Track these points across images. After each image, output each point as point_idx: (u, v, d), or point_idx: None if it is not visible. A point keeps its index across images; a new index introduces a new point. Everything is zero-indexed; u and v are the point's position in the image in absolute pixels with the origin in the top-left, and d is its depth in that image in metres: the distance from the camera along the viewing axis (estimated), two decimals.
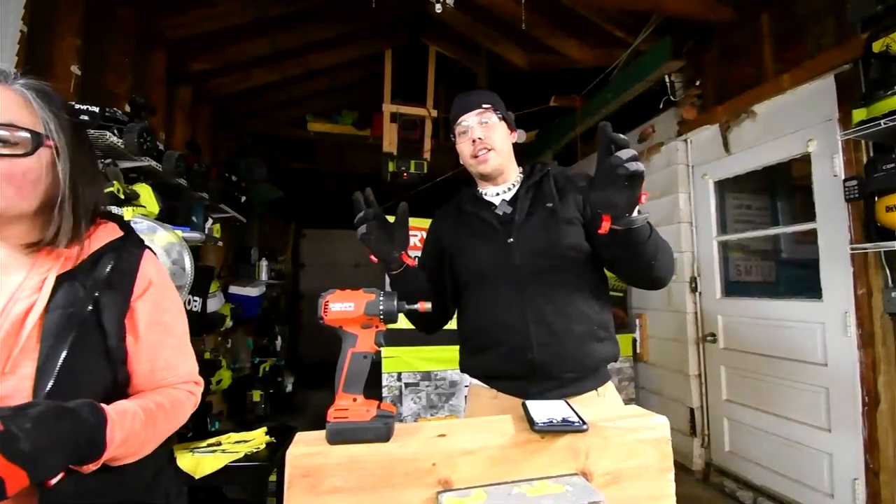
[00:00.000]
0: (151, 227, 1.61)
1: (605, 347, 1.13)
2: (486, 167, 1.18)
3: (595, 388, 1.13)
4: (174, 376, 0.79)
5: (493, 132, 1.17)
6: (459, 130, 1.19)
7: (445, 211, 1.33)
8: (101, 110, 1.72)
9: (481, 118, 1.17)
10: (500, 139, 1.18)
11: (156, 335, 0.76)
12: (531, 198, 1.18)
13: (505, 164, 1.20)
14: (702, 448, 2.86)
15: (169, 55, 2.84)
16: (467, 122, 1.18)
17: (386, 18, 3.47)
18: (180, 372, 0.80)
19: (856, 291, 2.01)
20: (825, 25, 2.13)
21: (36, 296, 0.65)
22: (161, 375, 0.77)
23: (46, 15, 1.83)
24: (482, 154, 1.16)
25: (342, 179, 6.15)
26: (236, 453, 1.88)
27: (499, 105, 1.20)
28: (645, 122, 3.27)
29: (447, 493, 0.69)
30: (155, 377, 0.77)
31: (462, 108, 1.19)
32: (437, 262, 1.26)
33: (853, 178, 1.89)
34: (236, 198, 3.20)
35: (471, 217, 1.22)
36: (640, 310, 3.36)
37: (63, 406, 0.60)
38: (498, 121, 1.18)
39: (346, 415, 0.73)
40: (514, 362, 1.10)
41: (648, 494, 0.77)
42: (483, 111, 1.17)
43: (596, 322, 1.12)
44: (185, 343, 0.83)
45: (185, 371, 0.81)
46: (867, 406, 1.97)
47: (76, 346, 0.65)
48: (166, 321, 0.78)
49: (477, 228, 1.19)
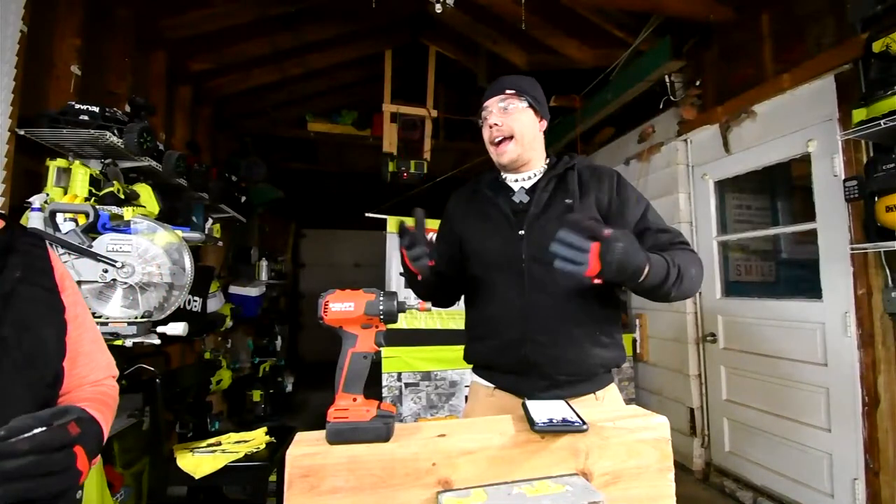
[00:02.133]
0: (151, 227, 1.60)
1: (606, 353, 1.10)
2: (504, 158, 1.14)
3: (593, 392, 1.11)
4: (94, 372, 0.76)
5: (515, 119, 1.13)
6: (484, 115, 1.16)
7: (460, 193, 1.30)
8: (101, 110, 1.72)
9: (504, 103, 1.13)
10: (522, 126, 1.13)
11: (75, 330, 0.73)
12: (551, 190, 1.14)
13: (527, 154, 1.15)
14: (702, 448, 2.86)
15: (169, 55, 2.84)
16: (489, 107, 1.15)
17: (386, 18, 3.47)
18: (101, 365, 0.77)
19: (856, 291, 2.01)
20: (825, 25, 2.13)
21: None
22: (84, 372, 0.74)
23: (46, 15, 1.83)
24: (499, 142, 1.13)
25: (342, 179, 6.16)
26: (236, 453, 1.88)
27: (529, 90, 1.15)
28: (645, 122, 3.27)
29: (447, 493, 0.69)
30: (79, 374, 0.73)
31: (488, 93, 1.16)
32: (451, 245, 1.24)
33: (853, 178, 1.88)
34: (236, 198, 3.19)
35: (486, 201, 1.19)
36: (640, 310, 3.37)
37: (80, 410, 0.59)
38: (524, 107, 1.13)
39: (346, 415, 0.73)
40: (508, 356, 1.09)
41: (648, 494, 0.77)
42: (507, 97, 1.13)
43: (598, 327, 1.09)
44: (98, 336, 0.79)
45: (104, 364, 0.78)
46: (867, 406, 1.97)
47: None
48: (80, 314, 0.75)
49: (489, 214, 1.16)
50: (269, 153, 4.66)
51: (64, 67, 1.91)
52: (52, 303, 0.70)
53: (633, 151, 3.41)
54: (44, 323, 0.67)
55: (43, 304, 0.68)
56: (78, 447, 0.53)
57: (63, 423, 0.52)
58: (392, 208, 3.67)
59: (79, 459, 0.53)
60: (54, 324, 0.69)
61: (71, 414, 0.54)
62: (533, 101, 1.14)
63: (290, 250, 6.73)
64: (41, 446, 0.48)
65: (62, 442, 0.50)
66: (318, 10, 3.14)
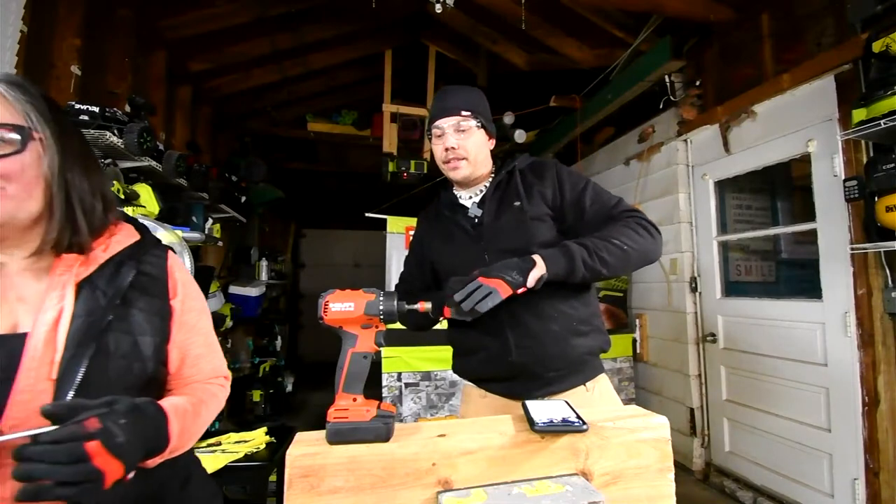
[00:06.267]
0: (151, 227, 1.61)
1: (588, 341, 1.12)
2: (457, 175, 1.18)
3: (583, 383, 1.13)
4: (201, 373, 0.80)
5: (468, 140, 1.16)
6: (436, 133, 1.18)
7: (425, 215, 1.35)
8: (101, 110, 1.72)
9: (459, 125, 1.15)
10: (474, 147, 1.16)
11: (183, 334, 0.77)
12: (498, 198, 1.18)
13: (477, 171, 1.19)
14: (702, 448, 2.86)
15: (169, 55, 2.84)
16: (444, 127, 1.16)
17: (386, 18, 3.47)
18: (206, 368, 0.80)
19: (856, 291, 2.01)
20: (825, 25, 2.13)
21: (62, 304, 0.64)
22: (189, 373, 0.78)
23: (46, 15, 1.83)
24: (453, 162, 1.16)
25: (342, 179, 6.15)
26: (236, 453, 1.87)
27: (480, 110, 1.18)
28: (645, 122, 3.27)
29: (447, 493, 0.69)
30: (182, 374, 0.77)
31: (441, 111, 1.17)
32: (423, 265, 1.29)
33: (853, 178, 1.88)
34: (236, 198, 3.20)
35: (446, 221, 1.23)
36: (640, 310, 3.37)
37: (135, 402, 0.61)
38: (476, 128, 1.17)
39: (346, 415, 0.73)
40: (496, 366, 1.11)
41: (648, 494, 0.77)
42: (462, 118, 1.15)
43: (575, 318, 1.11)
44: (211, 341, 0.83)
45: (211, 368, 0.81)
46: (867, 406, 1.97)
47: (98, 356, 0.64)
48: (192, 320, 0.79)
49: (452, 233, 1.21)
50: (269, 153, 4.66)
51: (64, 67, 1.91)
52: (158, 309, 0.73)
53: (633, 151, 3.41)
54: (145, 329, 0.70)
55: (148, 310, 0.72)
56: (95, 443, 0.54)
57: (79, 420, 0.55)
58: (392, 208, 3.67)
59: (95, 455, 0.54)
60: (157, 330, 0.72)
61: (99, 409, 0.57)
62: (485, 122, 1.19)
63: (290, 250, 6.73)
64: (54, 439, 0.52)
65: (72, 435, 0.53)
66: (318, 10, 3.13)
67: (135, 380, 0.68)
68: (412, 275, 1.33)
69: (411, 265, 1.34)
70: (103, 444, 0.54)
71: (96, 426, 0.55)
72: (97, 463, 0.54)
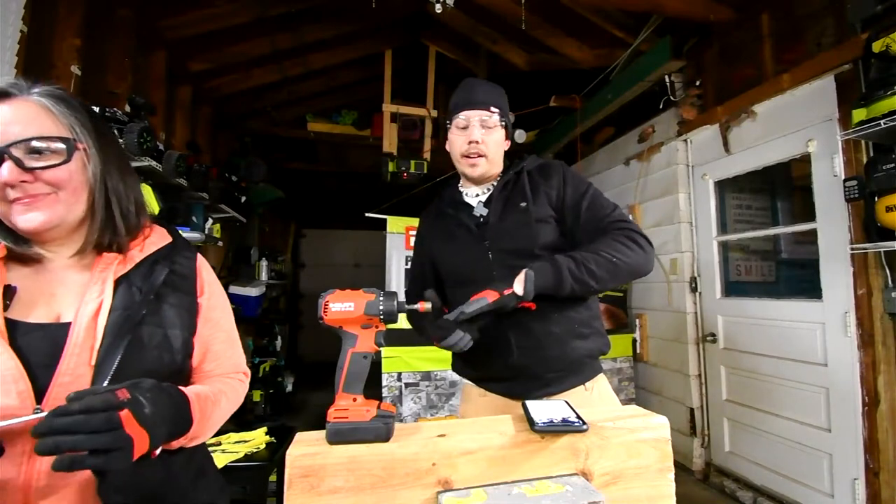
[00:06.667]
0: None
1: (588, 343, 1.12)
2: (473, 172, 1.17)
3: (582, 383, 1.13)
4: (221, 368, 0.84)
5: (491, 137, 1.15)
6: (459, 123, 1.16)
7: (427, 213, 1.34)
8: (101, 110, 1.72)
9: (486, 120, 1.14)
10: (495, 145, 1.16)
11: (207, 330, 0.81)
12: (505, 198, 1.17)
13: (493, 170, 1.19)
14: (702, 448, 2.86)
15: (169, 55, 2.84)
16: (470, 119, 1.15)
17: (386, 18, 3.47)
18: (227, 364, 0.85)
19: (856, 291, 2.01)
20: (825, 25, 2.13)
21: (101, 297, 0.70)
22: (210, 367, 0.82)
23: (46, 15, 1.83)
24: (474, 158, 1.15)
25: (342, 179, 6.14)
26: (236, 453, 1.88)
27: (505, 109, 1.18)
28: (645, 122, 3.27)
29: (447, 493, 0.69)
30: (204, 368, 0.82)
31: (468, 102, 1.16)
32: (426, 264, 1.28)
33: (853, 178, 1.88)
34: (236, 198, 3.19)
35: (449, 220, 1.22)
36: (640, 310, 3.37)
37: (159, 383, 0.64)
38: (500, 126, 1.17)
39: (345, 415, 0.73)
40: (497, 366, 1.11)
41: (648, 494, 0.77)
42: (490, 113, 1.15)
43: (576, 321, 1.11)
44: (233, 338, 0.88)
45: (231, 364, 0.86)
46: (867, 406, 1.97)
47: (132, 346, 0.69)
48: (216, 317, 0.84)
49: (455, 231, 1.20)
50: (269, 153, 4.66)
51: (64, 67, 1.91)
52: (187, 305, 0.78)
53: (633, 151, 3.42)
54: (175, 323, 0.75)
55: (178, 306, 0.77)
56: (126, 411, 0.56)
57: (112, 389, 0.57)
58: (392, 208, 3.66)
59: (126, 423, 0.55)
60: (185, 325, 0.77)
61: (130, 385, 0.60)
62: (507, 121, 1.18)
63: (290, 250, 6.72)
64: (87, 407, 0.53)
65: (106, 403, 0.55)
66: (318, 10, 3.13)
67: (164, 370, 0.72)
68: (424, 274, 1.31)
69: (419, 264, 1.33)
70: (133, 413, 0.56)
71: (126, 396, 0.57)
72: (128, 431, 0.55)
